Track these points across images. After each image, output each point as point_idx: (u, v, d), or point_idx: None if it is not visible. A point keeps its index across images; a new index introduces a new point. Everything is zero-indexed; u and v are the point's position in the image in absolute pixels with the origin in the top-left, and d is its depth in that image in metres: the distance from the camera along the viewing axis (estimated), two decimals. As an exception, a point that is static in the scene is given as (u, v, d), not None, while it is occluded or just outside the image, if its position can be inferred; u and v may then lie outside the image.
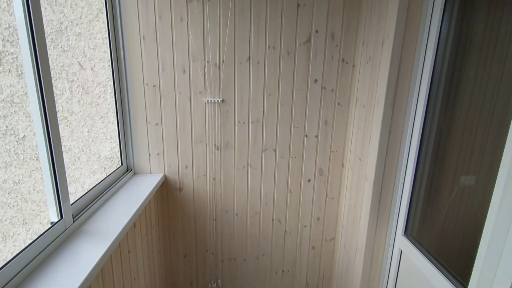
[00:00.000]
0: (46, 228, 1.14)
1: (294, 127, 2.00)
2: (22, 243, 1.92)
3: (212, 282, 2.28)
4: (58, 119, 1.89)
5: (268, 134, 2.00)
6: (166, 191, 2.07)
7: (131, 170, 1.98)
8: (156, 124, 1.93)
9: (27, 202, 2.05)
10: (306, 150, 2.05)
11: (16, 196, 2.03)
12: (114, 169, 1.96)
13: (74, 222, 1.28)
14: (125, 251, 1.47)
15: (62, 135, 1.93)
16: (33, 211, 2.02)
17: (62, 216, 1.22)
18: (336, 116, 1.99)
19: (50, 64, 1.80)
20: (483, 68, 1.21)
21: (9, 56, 1.76)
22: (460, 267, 1.27)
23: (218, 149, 2.00)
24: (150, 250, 1.86)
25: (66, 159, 1.99)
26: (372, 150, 1.67)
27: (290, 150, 2.04)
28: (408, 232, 1.64)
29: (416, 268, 1.50)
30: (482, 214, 1.10)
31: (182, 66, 1.84)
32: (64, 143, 1.95)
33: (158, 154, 1.98)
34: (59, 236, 1.17)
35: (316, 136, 2.02)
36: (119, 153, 1.95)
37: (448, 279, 1.26)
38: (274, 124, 1.98)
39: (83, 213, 1.37)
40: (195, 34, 1.80)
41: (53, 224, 1.18)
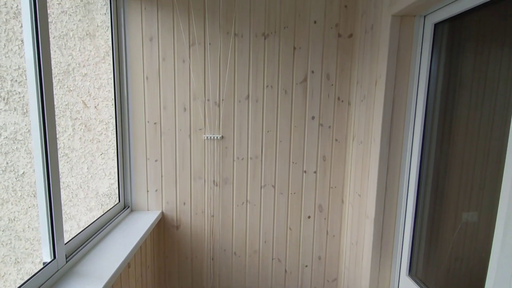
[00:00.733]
0: (38, 269, 1.11)
1: (293, 163, 2.01)
2: (13, 283, 1.84)
3: (209, 328, 2.14)
4: (59, 156, 1.91)
5: (267, 170, 2.00)
6: (163, 229, 2.02)
7: (129, 207, 1.96)
8: (156, 161, 1.94)
9: (20, 240, 2.00)
10: (305, 186, 2.04)
11: (10, 234, 1.98)
12: (112, 206, 1.94)
13: (67, 262, 1.24)
14: (117, 294, 1.40)
15: (62, 171, 1.94)
16: (26, 249, 1.96)
17: (55, 256, 1.18)
18: (334, 152, 2.02)
19: (55, 103, 1.86)
20: (475, 105, 1.25)
21: (16, 95, 1.83)
22: (469, 311, 1.21)
23: (217, 185, 1.99)
24: (144, 293, 1.78)
25: (63, 196, 1.98)
26: (371, 186, 1.67)
27: (289, 186, 2.03)
28: (412, 272, 1.58)
29: (424, 312, 1.43)
30: (486, 252, 1.07)
31: (183, 104, 1.90)
32: (63, 180, 1.95)
33: (157, 191, 1.97)
34: (50, 277, 1.13)
35: (315, 172, 2.03)
36: (117, 189, 1.94)
37: (457, 325, 1.19)
38: (273, 160, 2.00)
39: (77, 252, 1.33)
40: (197, 75, 1.88)
41: (45, 264, 1.14)
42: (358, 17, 1.85)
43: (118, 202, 1.92)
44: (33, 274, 1.07)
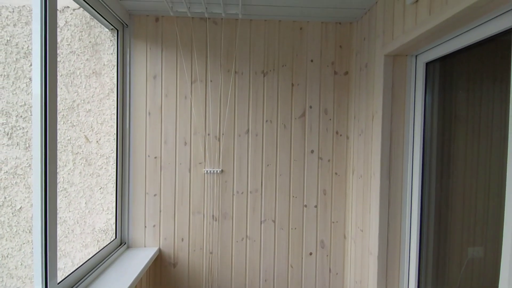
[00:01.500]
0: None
1: (293, 197, 1.99)
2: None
3: None
4: (58, 190, 1.90)
5: (267, 204, 1.98)
6: (160, 267, 1.95)
7: (125, 243, 1.91)
8: (155, 195, 1.93)
9: (12, 278, 1.92)
10: (306, 221, 2.00)
11: (2, 272, 1.91)
12: (108, 242, 1.89)
13: (57, 304, 1.19)
14: None
15: (59, 206, 1.92)
16: (16, 289, 1.89)
17: (46, 298, 1.14)
18: (334, 185, 2.01)
19: (58, 138, 1.89)
20: (471, 139, 1.27)
21: (20, 130, 1.86)
22: None
23: (216, 220, 1.96)
24: (137, 337, 1.67)
25: (59, 231, 1.93)
26: (373, 221, 1.64)
27: (290, 220, 1.99)
28: (421, 314, 1.50)
29: None
30: (495, 292, 1.03)
31: (183, 139, 1.93)
32: (60, 215, 1.92)
33: (154, 226, 1.93)
34: (39, 321, 1.08)
35: (316, 206, 2.00)
36: (114, 225, 1.90)
37: None
38: (273, 194, 1.98)
39: (69, 293, 1.28)
40: (198, 110, 1.93)
41: (35, 307, 1.09)
42: (353, 56, 1.95)
43: (114, 238, 1.87)
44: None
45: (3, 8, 1.82)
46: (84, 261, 1.56)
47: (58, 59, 1.87)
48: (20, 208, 1.93)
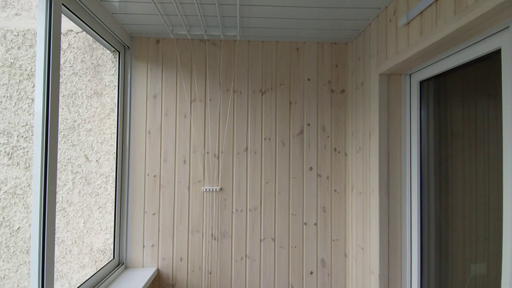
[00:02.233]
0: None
1: (293, 214, 1.98)
2: None
3: None
4: (57, 210, 1.90)
5: (266, 222, 1.97)
6: (158, 288, 1.92)
7: (123, 263, 1.88)
8: (153, 214, 1.92)
9: (6, 301, 1.88)
10: (306, 239, 1.98)
11: (-3, 295, 1.87)
12: (105, 263, 1.86)
13: (53, 329, 1.17)
14: None
15: (58, 226, 1.91)
16: (10, 313, 1.85)
17: (41, 322, 1.11)
18: (334, 203, 2.00)
19: (58, 157, 1.90)
20: (468, 154, 1.28)
21: (20, 150, 1.88)
22: None
23: (215, 239, 1.94)
24: None
25: (57, 252, 1.91)
26: (373, 239, 1.63)
27: (290, 239, 1.98)
28: (425, 335, 1.46)
29: None
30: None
31: (183, 157, 1.94)
32: (58, 235, 1.91)
33: (153, 246, 1.91)
34: None
35: (315, 224, 1.99)
36: (112, 245, 1.89)
37: None
38: (272, 211, 1.97)
39: (65, 317, 1.25)
40: (197, 129, 1.95)
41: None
42: (349, 74, 1.99)
43: (112, 258, 1.85)
44: None
45: (8, 32, 1.87)
46: (81, 282, 1.53)
47: (61, 80, 1.91)
48: (18, 228, 1.91)
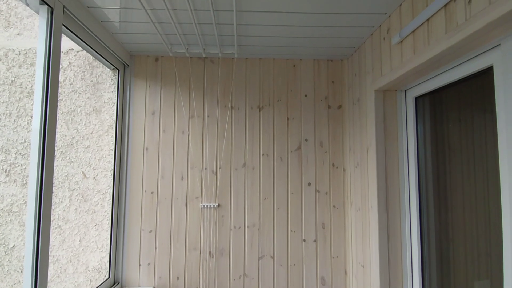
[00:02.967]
0: None
1: (291, 231, 1.96)
2: None
3: None
4: (52, 227, 1.88)
5: (265, 239, 1.94)
6: (154, 308, 1.87)
7: (118, 283, 1.84)
8: (150, 231, 1.90)
9: (-1, 323, 1.84)
10: (305, 256, 1.95)
11: (-11, 316, 1.83)
12: (101, 282, 1.82)
13: None
14: None
15: (53, 244, 1.88)
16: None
17: None
18: (333, 219, 1.98)
19: (55, 174, 1.90)
20: (467, 168, 1.27)
21: (18, 167, 1.87)
22: None
23: (213, 256, 1.91)
24: None
25: (52, 271, 1.88)
26: (373, 256, 1.60)
27: (289, 256, 1.94)
28: None
29: None
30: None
31: (180, 173, 1.94)
32: (53, 253, 1.88)
33: (149, 264, 1.88)
34: None
35: (315, 241, 1.96)
36: (108, 263, 1.85)
37: None
38: (271, 228, 1.95)
39: None
40: (195, 145, 1.96)
41: None
42: (345, 91, 2.01)
43: (108, 277, 1.82)
44: None
45: (10, 51, 1.91)
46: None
47: (60, 98, 1.93)
48: (13, 246, 1.89)
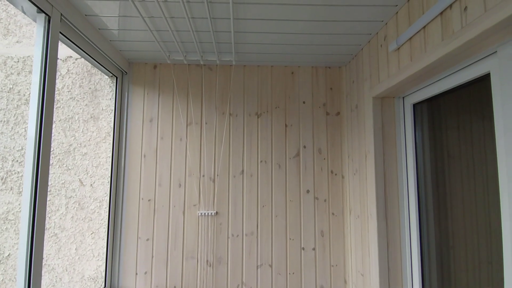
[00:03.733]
0: None
1: (290, 239, 1.93)
2: None
3: None
4: (48, 235, 1.86)
5: (263, 247, 1.92)
6: (151, 318, 1.84)
7: (115, 292, 1.82)
8: (147, 240, 1.87)
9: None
10: (304, 265, 1.92)
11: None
12: (96, 291, 1.80)
13: None
14: None
15: (49, 253, 1.86)
16: None
17: None
18: (332, 226, 1.96)
19: (52, 182, 1.88)
20: (467, 175, 1.26)
21: (14, 174, 1.86)
22: None
23: (210, 265, 1.88)
24: None
25: (47, 280, 1.85)
26: (373, 265, 1.58)
27: (287, 265, 1.91)
28: None
29: None
30: None
31: (178, 181, 1.92)
32: (48, 262, 1.85)
33: (146, 273, 1.85)
34: None
35: (314, 249, 1.93)
36: (104, 272, 1.83)
37: None
38: (269, 236, 1.93)
39: None
40: (193, 152, 1.95)
41: None
42: (343, 97, 2.01)
43: (103, 286, 1.79)
44: None
45: (9, 58, 1.92)
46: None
47: (58, 105, 1.93)
48: (8, 255, 1.86)
